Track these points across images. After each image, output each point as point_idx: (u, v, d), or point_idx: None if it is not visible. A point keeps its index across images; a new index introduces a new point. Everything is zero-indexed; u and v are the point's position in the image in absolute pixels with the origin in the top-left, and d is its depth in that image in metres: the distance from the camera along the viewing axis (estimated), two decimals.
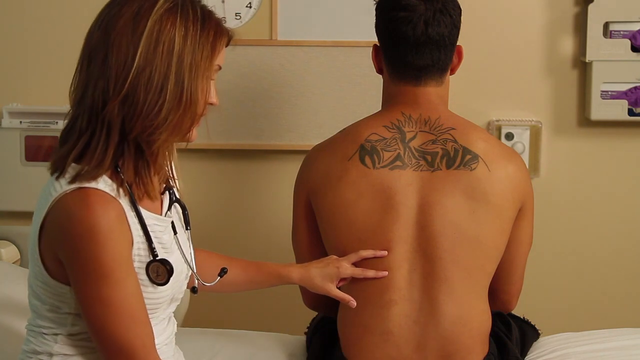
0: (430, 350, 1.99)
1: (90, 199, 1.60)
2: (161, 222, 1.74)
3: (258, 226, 2.85)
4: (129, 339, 1.63)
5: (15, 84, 2.81)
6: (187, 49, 1.65)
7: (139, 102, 1.63)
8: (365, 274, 1.99)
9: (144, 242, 1.68)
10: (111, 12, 1.66)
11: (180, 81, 1.64)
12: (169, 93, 1.63)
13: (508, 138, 2.73)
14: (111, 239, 1.59)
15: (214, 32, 1.69)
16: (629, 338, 2.24)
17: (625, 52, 2.65)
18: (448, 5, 2.04)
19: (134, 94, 1.62)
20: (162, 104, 1.63)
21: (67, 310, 1.68)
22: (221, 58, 1.73)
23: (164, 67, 1.63)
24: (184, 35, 1.65)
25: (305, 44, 2.73)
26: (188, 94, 1.65)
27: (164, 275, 1.68)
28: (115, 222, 1.60)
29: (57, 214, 1.61)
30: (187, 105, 1.65)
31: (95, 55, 1.64)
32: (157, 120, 1.63)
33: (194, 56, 1.66)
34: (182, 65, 1.64)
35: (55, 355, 1.71)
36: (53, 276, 1.66)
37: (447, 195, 1.98)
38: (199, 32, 1.67)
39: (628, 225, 2.79)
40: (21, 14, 2.79)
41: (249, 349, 2.23)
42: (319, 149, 2.12)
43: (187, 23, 1.66)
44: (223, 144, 2.78)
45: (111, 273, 1.60)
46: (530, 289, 2.46)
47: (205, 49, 1.67)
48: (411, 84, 2.07)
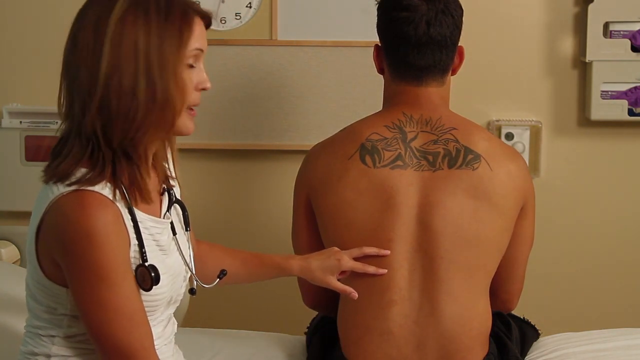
0: (430, 350, 1.99)
1: (87, 201, 1.59)
2: (159, 224, 1.73)
3: (258, 226, 2.85)
4: (128, 341, 1.63)
5: (15, 84, 2.81)
6: (153, 45, 1.60)
7: (112, 110, 1.60)
8: (365, 269, 1.99)
9: (137, 244, 1.66)
10: (77, 23, 1.65)
11: (151, 80, 1.60)
12: (142, 95, 1.60)
13: (508, 138, 2.73)
14: (108, 241, 1.58)
15: (179, 18, 1.63)
16: (629, 338, 2.25)
17: (625, 52, 2.65)
18: (450, 6, 2.04)
19: (108, 103, 1.60)
20: (137, 107, 1.60)
21: (62, 312, 1.68)
22: (198, 41, 1.66)
23: (132, 69, 1.60)
24: (146, 32, 1.60)
25: (305, 44, 2.73)
26: (162, 92, 1.61)
27: (148, 282, 1.66)
28: (111, 225, 1.59)
29: (53, 216, 1.60)
30: (164, 103, 1.61)
31: (69, 70, 1.64)
32: (134, 124, 1.61)
33: (161, 51, 1.61)
34: (150, 63, 1.60)
35: (52, 356, 1.70)
36: (49, 277, 1.65)
37: (448, 195, 1.98)
38: (162, 24, 1.62)
39: (628, 225, 2.79)
40: (21, 14, 2.79)
41: (249, 349, 2.23)
42: (320, 148, 2.12)
43: (148, 18, 1.61)
44: (223, 144, 2.78)
45: (108, 275, 1.59)
46: (531, 289, 2.45)
47: (172, 40, 1.62)
48: (412, 84, 2.07)
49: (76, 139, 1.63)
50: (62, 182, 1.61)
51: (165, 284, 1.71)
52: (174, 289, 1.77)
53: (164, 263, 1.72)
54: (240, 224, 2.85)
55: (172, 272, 1.75)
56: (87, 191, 1.59)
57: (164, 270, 1.71)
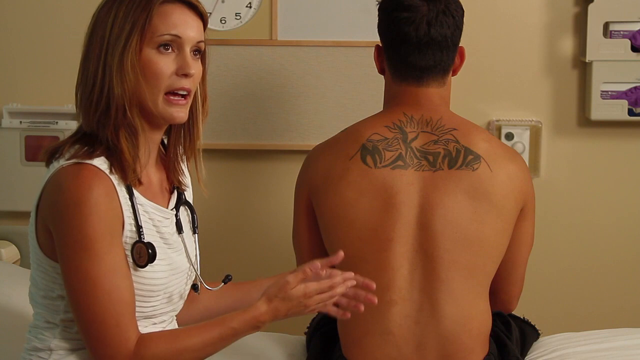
0: (430, 350, 1.99)
1: (83, 172, 1.63)
2: (163, 213, 1.76)
3: (258, 226, 2.84)
4: (102, 316, 1.63)
5: (15, 84, 2.81)
6: (115, 31, 1.66)
7: (81, 100, 1.70)
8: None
9: (133, 223, 1.69)
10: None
11: (107, 70, 1.66)
12: (101, 82, 1.67)
13: (508, 138, 2.72)
14: (96, 212, 1.61)
15: (143, 6, 1.67)
16: (629, 338, 2.24)
17: (625, 52, 2.65)
18: (451, 6, 2.04)
19: (79, 95, 1.71)
20: (100, 96, 1.67)
21: (59, 292, 1.69)
22: (174, 27, 1.69)
23: (96, 59, 1.67)
24: (113, 18, 1.66)
25: (305, 44, 2.73)
26: (121, 76, 1.66)
27: (145, 258, 1.68)
28: (103, 197, 1.63)
29: (51, 184, 1.65)
30: (124, 91, 1.67)
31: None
32: (97, 114, 1.68)
33: (118, 38, 1.66)
34: (107, 51, 1.66)
35: (55, 350, 1.72)
36: (45, 253, 1.69)
37: (448, 195, 1.98)
38: (127, 8, 1.67)
39: (628, 225, 2.79)
40: (21, 14, 2.79)
41: (249, 349, 2.23)
42: (320, 149, 2.12)
43: (118, 4, 1.67)
44: (223, 144, 2.77)
45: (92, 246, 1.61)
46: (531, 289, 2.45)
47: (132, 22, 1.67)
48: (413, 84, 2.07)
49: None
50: (62, 157, 1.66)
51: (162, 269, 1.73)
52: (174, 283, 1.78)
53: (167, 254, 1.75)
54: (240, 224, 2.85)
55: (174, 266, 1.77)
56: (85, 163, 1.64)
57: (166, 260, 1.73)
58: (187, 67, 1.70)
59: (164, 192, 1.81)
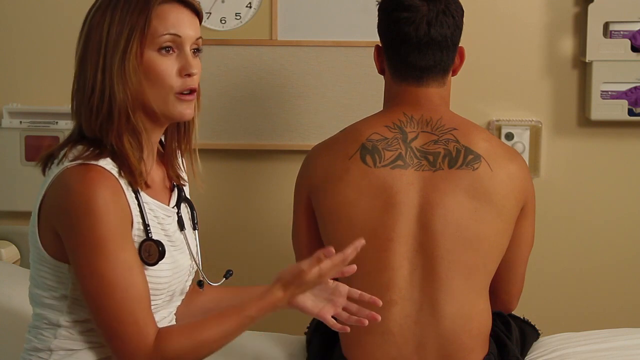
0: (430, 350, 1.99)
1: (90, 174, 1.63)
2: (166, 211, 1.77)
3: (258, 226, 2.84)
4: (120, 314, 1.64)
5: (15, 84, 2.81)
6: (112, 36, 1.66)
7: (80, 106, 1.69)
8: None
9: (141, 222, 1.69)
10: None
11: (108, 73, 1.66)
12: (102, 88, 1.66)
13: (508, 138, 2.72)
14: (106, 212, 1.61)
15: (140, 7, 1.67)
16: (629, 338, 2.25)
17: (625, 52, 2.65)
18: (451, 6, 2.04)
19: (77, 101, 1.70)
20: (101, 102, 1.66)
21: (63, 292, 1.70)
22: (173, 27, 1.70)
23: (94, 64, 1.67)
24: (109, 23, 1.66)
25: (305, 44, 2.73)
26: (123, 80, 1.66)
27: (155, 255, 1.69)
28: (111, 197, 1.63)
29: (57, 187, 1.65)
30: (127, 95, 1.66)
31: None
32: (99, 119, 1.67)
33: (117, 40, 1.66)
34: (106, 53, 1.66)
35: (55, 351, 1.72)
36: (50, 254, 1.68)
37: (448, 195, 1.99)
38: (122, 12, 1.67)
39: (628, 225, 2.79)
40: (21, 14, 2.79)
41: (249, 349, 2.23)
42: (320, 148, 2.12)
43: (113, 8, 1.67)
44: (223, 144, 2.77)
45: (104, 245, 1.62)
46: (530, 289, 2.45)
47: (130, 26, 1.67)
48: (413, 84, 2.07)
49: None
50: (66, 159, 1.66)
51: (167, 267, 1.73)
52: (177, 281, 1.79)
53: (171, 253, 1.75)
54: (240, 223, 2.85)
55: (177, 264, 1.77)
56: (91, 164, 1.64)
57: (170, 258, 1.74)
58: (189, 67, 1.71)
59: (165, 190, 1.82)
